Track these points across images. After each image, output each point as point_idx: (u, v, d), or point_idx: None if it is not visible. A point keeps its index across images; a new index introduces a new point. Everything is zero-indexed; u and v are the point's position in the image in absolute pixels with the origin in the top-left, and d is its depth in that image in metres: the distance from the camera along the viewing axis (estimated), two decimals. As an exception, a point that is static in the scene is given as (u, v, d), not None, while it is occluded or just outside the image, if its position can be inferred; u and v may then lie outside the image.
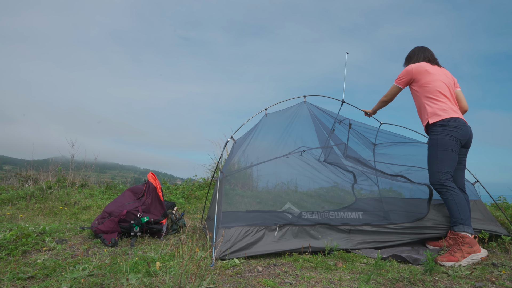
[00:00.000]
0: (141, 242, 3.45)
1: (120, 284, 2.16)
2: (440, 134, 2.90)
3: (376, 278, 2.33)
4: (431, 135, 3.00)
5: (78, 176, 7.53)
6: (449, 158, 2.87)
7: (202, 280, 2.08)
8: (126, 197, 3.85)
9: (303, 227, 3.05)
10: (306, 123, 4.12)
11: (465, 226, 2.77)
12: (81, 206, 5.52)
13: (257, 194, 4.44)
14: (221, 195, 3.27)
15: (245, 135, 4.00)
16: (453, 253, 2.67)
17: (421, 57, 3.26)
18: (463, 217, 2.78)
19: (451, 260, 2.62)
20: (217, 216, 3.11)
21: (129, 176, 10.03)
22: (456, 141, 2.88)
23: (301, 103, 4.15)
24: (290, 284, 2.22)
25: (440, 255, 2.72)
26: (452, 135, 2.87)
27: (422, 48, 3.31)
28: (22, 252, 2.83)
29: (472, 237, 2.76)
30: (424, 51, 3.29)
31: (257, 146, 3.86)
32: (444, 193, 2.86)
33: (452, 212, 2.83)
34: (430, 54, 3.28)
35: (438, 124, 2.93)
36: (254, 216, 3.29)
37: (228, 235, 2.89)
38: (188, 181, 7.85)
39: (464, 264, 2.61)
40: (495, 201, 3.71)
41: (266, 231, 2.98)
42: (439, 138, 2.90)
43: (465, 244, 2.69)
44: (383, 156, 4.01)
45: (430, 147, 3.00)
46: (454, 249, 2.71)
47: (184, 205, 5.94)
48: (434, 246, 3.03)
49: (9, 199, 5.80)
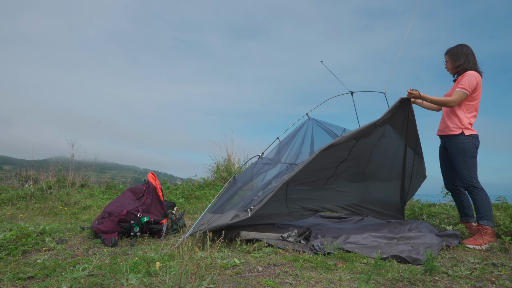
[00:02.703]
0: (141, 242, 3.45)
1: (120, 284, 2.16)
2: (466, 143, 3.31)
3: (376, 278, 2.33)
4: (457, 142, 3.33)
5: (78, 176, 7.53)
6: (475, 163, 3.33)
7: (202, 280, 2.08)
8: (126, 197, 3.85)
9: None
10: (306, 143, 4.23)
11: (489, 221, 3.25)
12: (81, 206, 5.52)
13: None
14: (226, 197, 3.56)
15: (289, 137, 4.16)
16: (477, 239, 3.22)
17: (476, 66, 3.34)
18: (488, 214, 3.26)
19: (475, 244, 3.19)
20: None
21: (129, 176, 10.04)
22: (476, 149, 3.35)
23: (305, 121, 4.27)
24: (290, 284, 2.22)
25: (465, 240, 3.27)
26: (474, 144, 3.33)
27: (473, 54, 3.36)
28: (22, 252, 2.83)
29: (492, 230, 3.25)
30: (475, 58, 3.36)
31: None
32: (475, 194, 3.30)
33: (480, 209, 3.28)
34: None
35: (468, 136, 3.31)
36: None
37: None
38: (188, 181, 7.85)
39: (484, 248, 3.16)
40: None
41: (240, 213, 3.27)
42: (466, 147, 3.30)
43: (487, 234, 3.22)
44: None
45: (457, 153, 3.34)
46: (478, 236, 3.24)
47: (184, 205, 5.93)
48: (473, 245, 3.21)
49: (9, 199, 5.80)
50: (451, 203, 5.07)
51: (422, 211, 4.39)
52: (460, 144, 3.31)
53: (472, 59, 3.33)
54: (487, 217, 3.24)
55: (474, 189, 3.29)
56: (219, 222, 3.16)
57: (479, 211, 3.29)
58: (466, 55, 3.33)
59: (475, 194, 3.29)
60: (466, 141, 3.30)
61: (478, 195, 3.28)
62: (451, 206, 4.78)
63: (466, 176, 3.31)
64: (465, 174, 3.31)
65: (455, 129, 3.33)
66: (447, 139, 3.42)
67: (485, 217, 3.24)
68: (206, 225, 3.13)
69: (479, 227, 3.28)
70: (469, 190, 3.34)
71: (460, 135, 3.32)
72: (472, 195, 3.33)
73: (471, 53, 3.34)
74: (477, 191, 3.28)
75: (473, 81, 3.22)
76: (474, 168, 3.31)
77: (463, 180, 3.33)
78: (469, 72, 3.26)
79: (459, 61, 3.34)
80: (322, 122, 4.28)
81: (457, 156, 3.34)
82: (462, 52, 3.34)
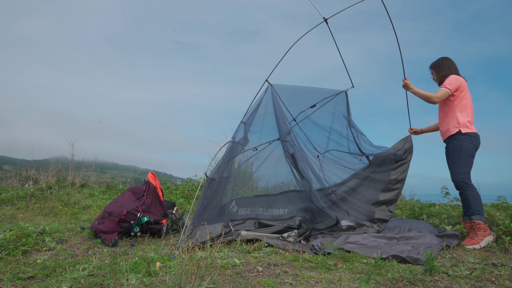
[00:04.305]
0: (141, 242, 3.45)
1: (120, 284, 2.16)
2: (464, 142, 3.42)
3: (376, 278, 2.33)
4: (455, 141, 3.46)
5: (78, 176, 7.53)
6: (470, 162, 3.42)
7: (202, 280, 2.08)
8: (126, 197, 3.85)
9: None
10: (270, 114, 4.03)
11: (481, 216, 3.33)
12: (81, 206, 5.52)
13: (257, 194, 4.44)
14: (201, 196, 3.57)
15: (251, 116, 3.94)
16: (473, 237, 3.26)
17: (458, 73, 3.61)
18: (479, 209, 3.33)
19: (473, 243, 3.22)
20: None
21: (129, 176, 10.03)
22: (475, 149, 3.46)
23: (267, 89, 4.03)
24: (290, 284, 2.22)
25: (463, 241, 3.29)
26: (473, 144, 3.43)
27: (455, 64, 3.65)
28: (22, 252, 2.83)
29: (485, 224, 3.30)
30: (456, 68, 3.64)
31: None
32: (464, 189, 3.40)
33: (471, 205, 3.36)
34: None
35: (467, 134, 3.43)
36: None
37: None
38: (188, 181, 7.85)
39: (483, 245, 3.20)
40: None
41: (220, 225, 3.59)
42: (463, 145, 3.42)
43: (480, 229, 3.27)
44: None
45: (454, 151, 3.46)
46: (473, 234, 3.29)
47: (184, 205, 5.93)
48: (471, 245, 3.23)
49: (9, 199, 5.80)
50: (451, 203, 5.08)
51: (422, 211, 4.39)
52: (458, 142, 3.44)
53: (453, 68, 3.64)
54: (478, 212, 3.34)
55: (464, 185, 3.39)
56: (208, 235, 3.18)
57: (470, 207, 3.37)
58: (448, 66, 3.65)
59: (466, 189, 3.39)
60: (464, 140, 3.42)
61: (469, 190, 3.38)
62: (451, 206, 4.79)
63: (458, 173, 3.41)
64: (458, 171, 3.42)
65: (453, 129, 3.50)
66: (449, 140, 3.56)
67: (477, 212, 3.34)
68: (210, 235, 3.13)
69: (472, 223, 3.35)
70: (459, 186, 3.43)
71: (458, 134, 3.46)
72: (462, 191, 3.41)
73: (452, 64, 3.66)
74: (468, 187, 3.38)
75: (454, 81, 3.46)
76: (468, 167, 3.41)
77: (455, 175, 3.43)
78: (451, 75, 3.55)
79: (442, 71, 3.65)
80: (282, 89, 4.09)
81: (454, 153, 3.47)
82: (444, 64, 3.67)
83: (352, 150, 4.26)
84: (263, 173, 4.19)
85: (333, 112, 4.37)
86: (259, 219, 3.73)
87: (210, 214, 3.60)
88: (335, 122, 4.38)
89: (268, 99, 4.02)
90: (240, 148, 3.83)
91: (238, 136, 3.81)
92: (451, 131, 3.51)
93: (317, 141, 4.43)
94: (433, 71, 3.77)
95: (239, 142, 3.79)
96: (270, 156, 4.09)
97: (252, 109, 3.91)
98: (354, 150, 4.24)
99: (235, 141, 3.77)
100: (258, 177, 4.28)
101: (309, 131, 4.42)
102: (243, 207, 3.82)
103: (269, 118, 4.00)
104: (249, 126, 3.87)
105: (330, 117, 4.40)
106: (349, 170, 4.18)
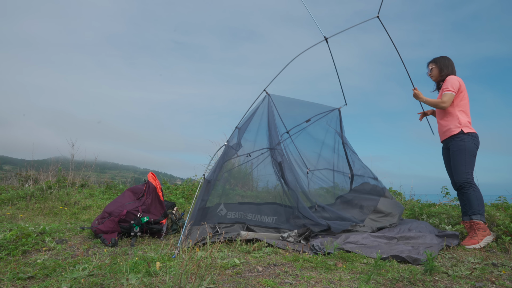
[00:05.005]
0: (141, 242, 3.45)
1: (120, 284, 2.16)
2: (467, 142, 3.46)
3: (376, 278, 2.33)
4: (458, 141, 3.49)
5: (78, 176, 7.53)
6: (473, 161, 3.48)
7: (202, 280, 2.08)
8: (126, 197, 3.85)
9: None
10: (264, 123, 4.11)
11: (481, 216, 3.36)
12: (81, 206, 5.52)
13: (257, 194, 4.45)
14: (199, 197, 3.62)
15: (247, 121, 4.01)
16: (473, 237, 3.28)
17: (455, 72, 3.69)
18: (480, 209, 3.37)
19: (473, 243, 3.23)
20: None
21: (129, 176, 10.03)
22: (477, 149, 3.51)
23: (264, 99, 4.09)
24: (290, 284, 2.22)
25: (463, 241, 3.31)
26: (475, 144, 3.48)
27: (453, 64, 3.71)
28: (22, 252, 2.83)
29: (484, 224, 3.32)
30: (454, 68, 3.71)
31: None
32: (468, 189, 3.43)
33: (472, 204, 3.39)
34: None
35: (469, 134, 3.47)
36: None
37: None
38: (188, 181, 7.85)
39: (482, 245, 3.21)
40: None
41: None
42: (467, 145, 3.45)
43: (480, 229, 3.29)
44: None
45: (457, 151, 3.48)
46: (472, 234, 3.30)
47: (184, 205, 5.93)
48: (471, 245, 3.24)
49: (9, 199, 5.80)
50: (451, 203, 5.08)
51: (422, 211, 4.39)
52: (461, 142, 3.47)
53: (454, 68, 3.73)
54: (479, 212, 3.37)
55: (468, 184, 3.43)
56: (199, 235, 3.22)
57: (472, 207, 3.40)
58: (451, 65, 3.72)
59: (469, 189, 3.42)
60: (467, 139, 3.45)
61: (472, 190, 3.42)
62: (451, 206, 4.78)
63: (462, 173, 3.45)
64: (462, 171, 3.45)
65: (455, 129, 3.52)
66: (450, 140, 3.58)
67: (478, 211, 3.37)
68: (210, 235, 3.17)
69: (471, 223, 3.38)
70: (463, 185, 3.45)
71: (460, 134, 3.49)
72: (465, 190, 3.44)
73: (452, 63, 3.75)
74: (471, 187, 3.42)
75: (455, 83, 3.53)
76: (472, 167, 3.46)
77: (459, 175, 3.47)
78: (450, 76, 3.61)
79: (447, 70, 3.70)
80: (279, 101, 4.15)
81: (457, 153, 3.49)
82: (448, 63, 3.73)
83: (341, 168, 4.35)
84: (262, 173, 4.21)
85: (327, 128, 4.53)
86: (248, 224, 3.71)
87: (201, 215, 3.64)
88: (328, 137, 4.53)
89: (264, 108, 4.09)
90: (233, 152, 3.87)
91: (232, 141, 3.87)
92: (452, 131, 3.53)
93: (309, 157, 4.52)
94: (435, 67, 3.75)
95: (232, 147, 3.86)
96: (263, 162, 4.15)
97: (248, 116, 3.98)
98: (344, 167, 4.33)
99: (229, 145, 3.83)
100: (258, 177, 4.30)
101: (301, 145, 4.51)
102: (232, 211, 3.84)
103: (263, 127, 4.08)
104: (243, 132, 3.94)
105: (324, 132, 4.56)
106: (336, 194, 4.32)
